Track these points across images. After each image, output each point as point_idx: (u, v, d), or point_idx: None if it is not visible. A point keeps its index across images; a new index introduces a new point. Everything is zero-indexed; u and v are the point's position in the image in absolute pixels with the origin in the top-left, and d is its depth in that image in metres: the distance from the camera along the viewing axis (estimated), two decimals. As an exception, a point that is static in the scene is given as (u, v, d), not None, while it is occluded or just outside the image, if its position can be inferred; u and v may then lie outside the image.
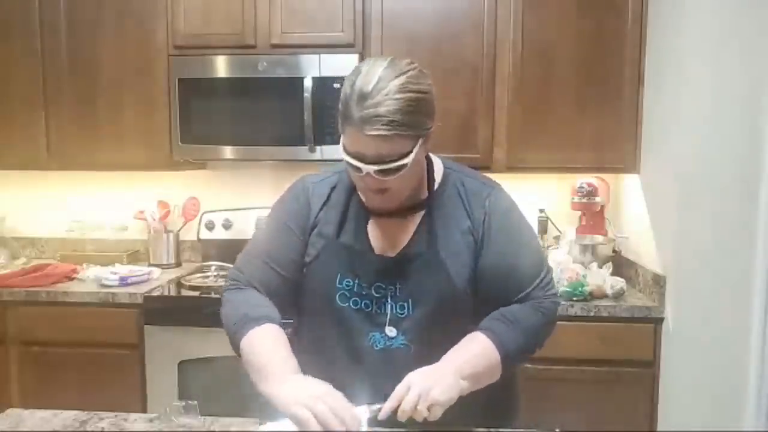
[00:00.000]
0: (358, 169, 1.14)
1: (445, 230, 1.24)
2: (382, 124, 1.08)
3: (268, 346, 1.17)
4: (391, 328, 1.22)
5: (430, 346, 1.20)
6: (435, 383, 1.09)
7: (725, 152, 2.03)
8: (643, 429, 2.25)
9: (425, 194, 1.27)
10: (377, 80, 1.09)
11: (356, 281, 1.23)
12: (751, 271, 2.00)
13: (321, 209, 1.29)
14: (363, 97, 1.09)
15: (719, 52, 2.03)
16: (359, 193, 1.27)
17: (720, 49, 2.02)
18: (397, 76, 1.10)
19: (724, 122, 2.03)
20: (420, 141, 1.15)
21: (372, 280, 1.23)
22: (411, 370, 1.15)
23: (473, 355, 1.17)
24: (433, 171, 1.28)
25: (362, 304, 1.23)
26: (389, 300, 1.23)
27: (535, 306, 1.26)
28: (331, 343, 1.26)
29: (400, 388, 1.08)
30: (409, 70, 1.13)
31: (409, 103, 1.09)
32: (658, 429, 2.23)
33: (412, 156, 1.13)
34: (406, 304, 1.23)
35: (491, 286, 1.24)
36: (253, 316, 1.21)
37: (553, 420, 1.35)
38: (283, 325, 1.23)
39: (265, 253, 1.30)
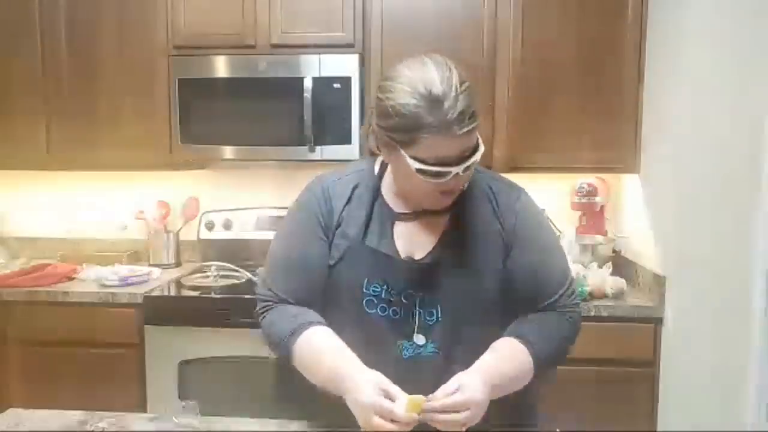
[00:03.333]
0: (444, 175, 1.09)
1: (473, 233, 1.20)
2: (468, 119, 1.07)
3: (320, 352, 1.14)
4: (420, 336, 1.17)
5: (460, 352, 1.16)
6: (483, 411, 1.04)
7: (725, 152, 2.04)
8: (643, 429, 2.25)
9: None
10: (439, 81, 1.06)
11: (384, 287, 1.18)
12: (751, 271, 2.01)
13: (344, 208, 1.23)
14: (437, 101, 1.05)
15: (719, 52, 2.03)
16: (418, 199, 1.20)
17: (720, 48, 2.02)
18: (450, 72, 1.08)
19: (723, 122, 2.03)
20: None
21: (402, 286, 1.18)
22: (440, 377, 1.08)
23: (509, 366, 1.13)
24: None
25: (390, 311, 1.18)
26: (417, 307, 1.18)
27: (563, 314, 1.22)
28: (357, 350, 1.16)
29: (459, 399, 1.01)
30: (450, 63, 1.11)
31: (470, 93, 1.09)
32: (658, 429, 2.23)
33: (481, 143, 1.14)
34: (434, 311, 1.18)
35: (517, 289, 1.20)
36: (293, 328, 1.17)
37: (553, 420, 1.35)
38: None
39: (291, 263, 1.23)
